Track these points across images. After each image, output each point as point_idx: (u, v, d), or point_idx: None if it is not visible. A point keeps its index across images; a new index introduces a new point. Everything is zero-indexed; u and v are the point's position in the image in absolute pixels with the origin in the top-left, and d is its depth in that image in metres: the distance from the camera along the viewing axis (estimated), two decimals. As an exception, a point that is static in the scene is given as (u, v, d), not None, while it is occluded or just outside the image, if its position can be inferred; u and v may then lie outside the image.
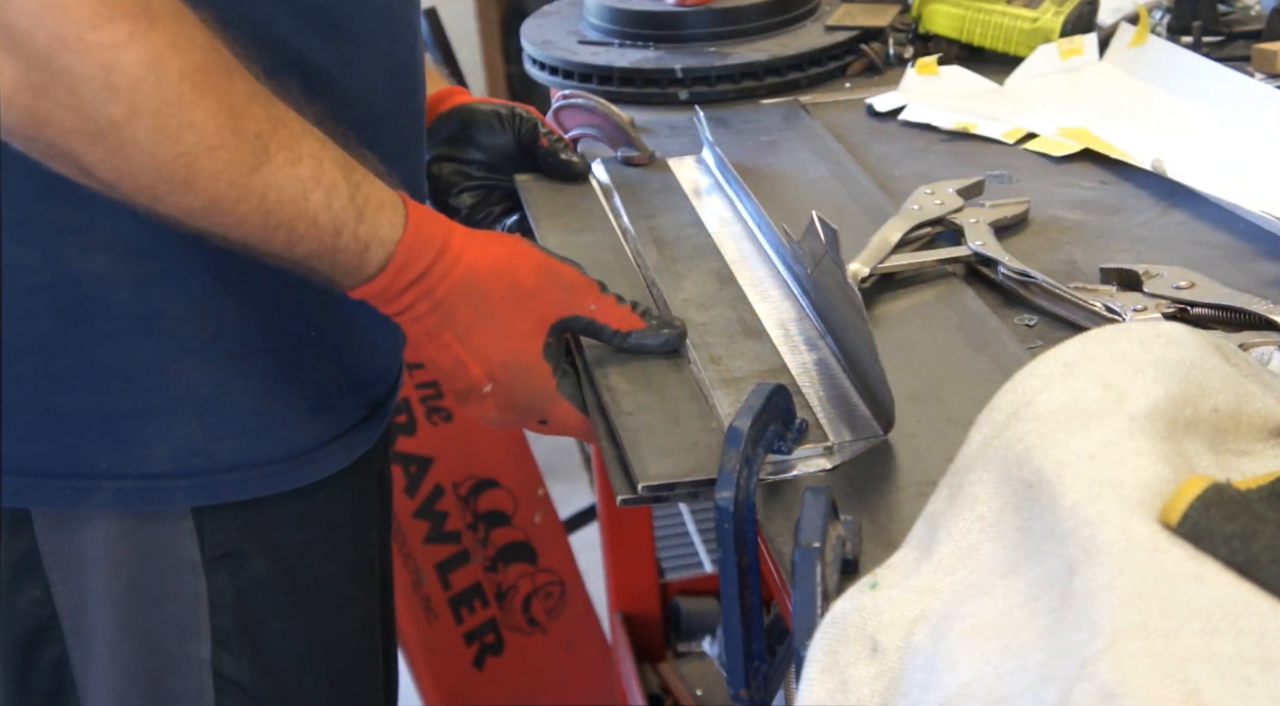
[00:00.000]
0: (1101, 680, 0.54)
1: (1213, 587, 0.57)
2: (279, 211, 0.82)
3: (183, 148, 0.77)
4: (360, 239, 0.86)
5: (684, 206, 1.20)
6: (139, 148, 0.76)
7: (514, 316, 0.93)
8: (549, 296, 0.94)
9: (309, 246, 0.85)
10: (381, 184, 0.88)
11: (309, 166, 0.82)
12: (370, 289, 0.89)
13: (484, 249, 0.92)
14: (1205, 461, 0.67)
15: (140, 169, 0.77)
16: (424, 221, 0.90)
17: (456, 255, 0.90)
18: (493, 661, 2.13)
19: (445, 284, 0.90)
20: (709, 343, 0.98)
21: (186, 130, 0.77)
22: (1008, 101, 1.41)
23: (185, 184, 0.78)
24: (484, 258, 0.91)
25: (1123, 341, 0.70)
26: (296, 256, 0.85)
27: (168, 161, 0.77)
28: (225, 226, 0.82)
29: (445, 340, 0.92)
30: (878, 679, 0.64)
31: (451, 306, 0.91)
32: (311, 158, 0.83)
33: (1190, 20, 1.47)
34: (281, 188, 0.81)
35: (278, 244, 0.84)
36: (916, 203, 1.11)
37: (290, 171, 0.81)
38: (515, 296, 0.92)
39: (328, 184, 0.83)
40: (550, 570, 2.18)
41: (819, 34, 1.51)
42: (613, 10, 1.52)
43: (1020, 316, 1.00)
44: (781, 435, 0.82)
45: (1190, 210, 1.14)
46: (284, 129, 0.82)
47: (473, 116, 1.19)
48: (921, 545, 0.70)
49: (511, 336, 0.93)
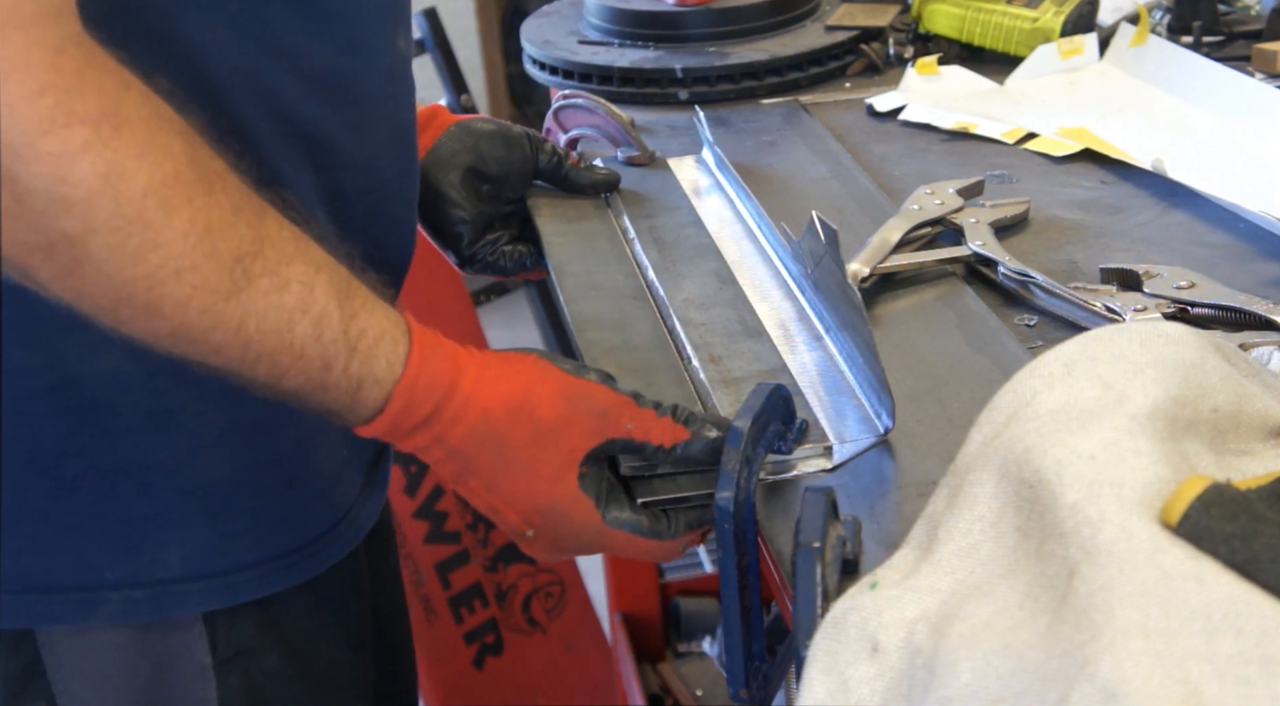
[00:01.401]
0: (1101, 680, 0.54)
1: (1213, 587, 0.57)
2: (259, 343, 0.74)
3: (144, 269, 0.69)
4: (352, 376, 0.77)
5: (684, 206, 1.20)
6: (95, 268, 0.68)
7: (541, 457, 0.82)
8: (578, 426, 0.83)
9: (296, 381, 0.76)
10: (385, 311, 0.80)
11: (296, 293, 0.74)
12: (374, 429, 0.80)
13: (497, 384, 0.81)
14: (1205, 461, 0.67)
15: (98, 290, 0.69)
16: (429, 359, 0.80)
17: (466, 398, 0.80)
18: (493, 661, 2.13)
19: (457, 431, 0.81)
20: (709, 342, 0.98)
21: (150, 250, 0.69)
22: (1008, 101, 1.41)
23: (148, 308, 0.70)
24: (497, 397, 0.81)
25: (1123, 341, 0.70)
26: (285, 390, 0.77)
27: (127, 283, 0.69)
28: (199, 355, 0.74)
29: (472, 487, 0.84)
30: (878, 679, 0.64)
31: (469, 455, 0.82)
32: (300, 284, 0.74)
33: (1190, 20, 1.47)
34: (262, 316, 0.73)
35: (260, 376, 0.76)
36: (916, 203, 1.11)
37: (274, 298, 0.73)
38: (539, 435, 0.82)
39: (317, 313, 0.75)
40: (550, 570, 2.18)
41: (819, 34, 1.51)
42: (613, 10, 1.52)
43: (1020, 316, 1.00)
44: (781, 435, 0.82)
45: (1190, 210, 1.14)
46: (271, 250, 0.74)
47: (486, 135, 1.15)
48: (921, 545, 0.70)
49: (540, 480, 0.83)
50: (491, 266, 1.19)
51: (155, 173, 0.68)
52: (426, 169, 1.13)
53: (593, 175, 1.21)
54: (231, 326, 0.72)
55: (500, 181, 1.16)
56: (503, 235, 1.19)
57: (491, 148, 1.15)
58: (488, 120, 1.17)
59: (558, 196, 1.21)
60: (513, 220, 1.20)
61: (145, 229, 0.68)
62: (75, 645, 0.90)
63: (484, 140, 1.15)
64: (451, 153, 1.14)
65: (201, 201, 0.70)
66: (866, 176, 1.23)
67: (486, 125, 1.16)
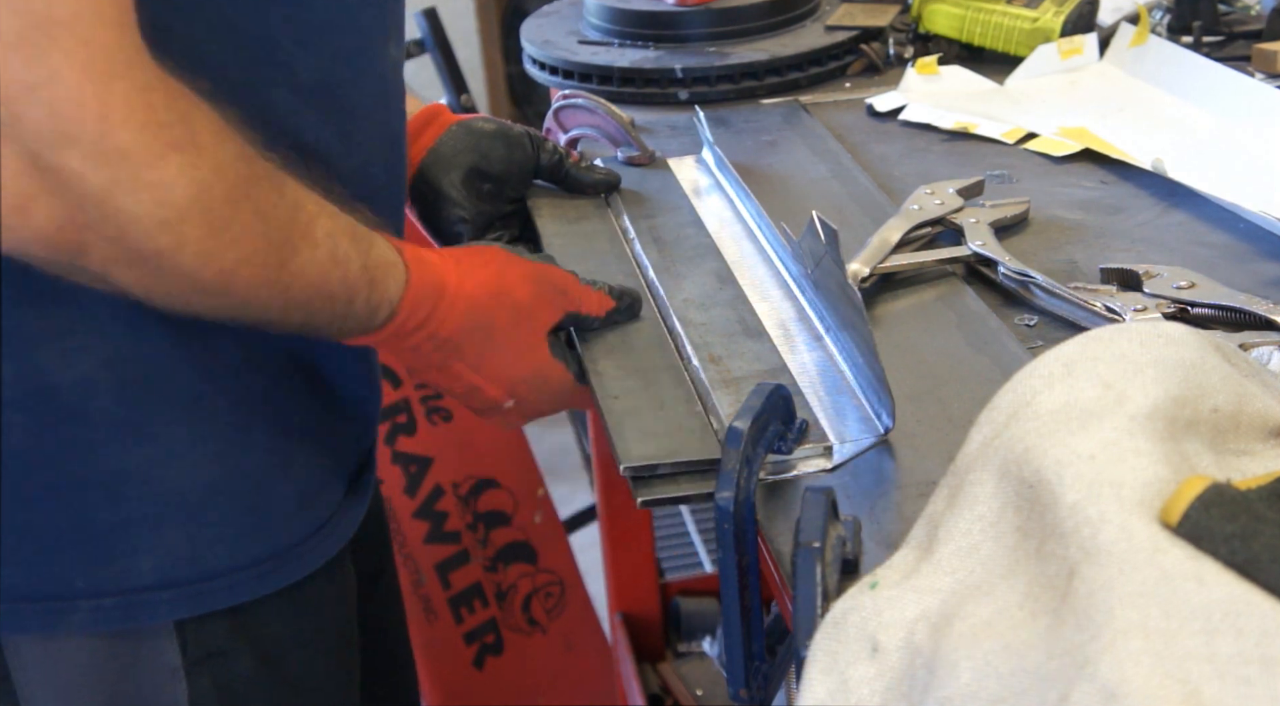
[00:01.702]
0: (1101, 680, 0.54)
1: (1213, 587, 0.57)
2: (300, 295, 0.82)
3: (224, 266, 0.76)
4: (371, 303, 0.86)
5: (684, 206, 1.20)
6: (180, 272, 0.75)
7: (520, 333, 0.95)
8: (546, 303, 0.96)
9: (322, 318, 0.85)
10: (383, 241, 0.88)
11: (326, 248, 0.82)
12: (374, 338, 0.89)
13: (475, 274, 0.93)
14: (1205, 461, 0.67)
15: (179, 288, 0.77)
16: (422, 270, 0.89)
17: (455, 293, 0.91)
18: (493, 661, 2.13)
19: (449, 325, 0.91)
20: (709, 342, 0.98)
21: (228, 249, 0.76)
22: (1008, 101, 1.41)
23: (221, 293, 0.78)
24: (479, 286, 0.92)
25: (1123, 341, 0.70)
26: (309, 325, 0.85)
27: (208, 280, 0.76)
28: (247, 317, 0.82)
29: (456, 371, 0.94)
30: (878, 679, 0.64)
31: (457, 343, 0.92)
32: (327, 237, 0.82)
33: (1190, 20, 1.47)
34: (305, 275, 0.81)
35: (293, 321, 0.84)
36: (916, 202, 1.11)
37: (311, 257, 0.81)
38: (518, 315, 0.94)
39: (342, 259, 0.83)
40: (550, 570, 2.18)
41: (819, 34, 1.51)
42: (613, 10, 1.52)
43: (1020, 316, 1.00)
44: (781, 435, 0.82)
45: (1190, 210, 1.14)
46: (301, 214, 0.81)
47: (487, 135, 1.16)
48: (921, 545, 0.70)
49: (523, 352, 0.95)
50: None
51: (228, 181, 0.75)
52: (427, 168, 1.13)
53: (594, 175, 1.21)
54: (281, 290, 0.80)
55: (501, 181, 1.17)
56: (503, 235, 1.19)
57: (493, 147, 1.15)
58: (489, 119, 1.17)
59: (558, 196, 1.21)
60: (513, 220, 1.20)
61: (225, 232, 0.75)
62: (41, 651, 0.90)
63: (485, 139, 1.15)
64: (453, 152, 1.14)
65: (254, 192, 0.77)
66: (866, 176, 1.23)
67: (488, 124, 1.16)
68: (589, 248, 1.13)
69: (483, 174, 1.15)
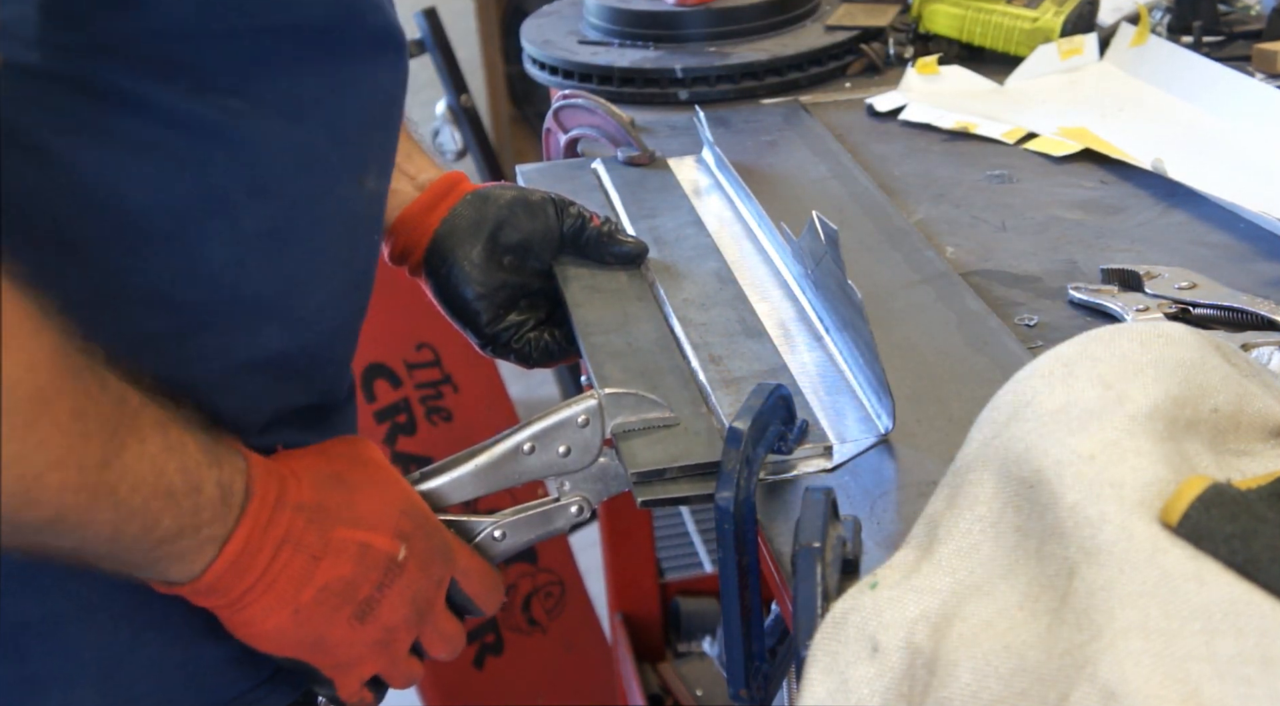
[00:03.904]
0: (1102, 680, 0.54)
1: (1213, 587, 0.57)
2: (132, 498, 0.71)
3: (26, 470, 0.66)
4: (223, 483, 0.76)
5: (684, 206, 1.20)
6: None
7: (370, 471, 0.85)
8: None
9: (167, 521, 0.73)
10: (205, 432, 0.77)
11: (156, 438, 0.72)
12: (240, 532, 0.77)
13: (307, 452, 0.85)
14: (1205, 461, 0.67)
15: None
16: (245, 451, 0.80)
17: (287, 460, 0.82)
18: (493, 661, 2.13)
19: (305, 484, 0.81)
20: (709, 342, 0.98)
21: (34, 452, 0.66)
22: (1008, 101, 1.41)
23: (25, 504, 0.67)
24: (305, 453, 0.84)
25: (1123, 341, 0.70)
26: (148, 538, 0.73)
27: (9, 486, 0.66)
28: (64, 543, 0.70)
29: (341, 538, 0.82)
30: (878, 679, 0.64)
31: (321, 503, 0.81)
32: (157, 426, 0.72)
33: (1190, 20, 1.47)
34: (136, 471, 0.71)
35: (127, 536, 0.72)
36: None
37: (140, 451, 0.71)
38: (355, 459, 0.85)
39: (176, 444, 0.73)
40: (550, 570, 2.18)
41: (819, 34, 1.51)
42: (613, 10, 1.52)
43: (1020, 316, 1.00)
44: (781, 435, 0.82)
45: (1190, 210, 1.14)
46: (126, 408, 0.71)
47: (504, 203, 1.08)
48: (921, 545, 0.70)
49: (385, 486, 0.85)
50: (516, 353, 1.11)
51: (39, 379, 0.66)
52: (441, 241, 1.07)
53: (621, 245, 1.10)
54: (107, 493, 0.70)
55: (523, 251, 1.08)
56: (529, 319, 1.10)
57: (511, 215, 1.07)
58: (507, 186, 1.10)
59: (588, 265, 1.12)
60: (540, 302, 1.11)
61: (30, 434, 0.65)
62: None
63: (502, 208, 1.07)
64: (468, 224, 1.07)
65: (74, 387, 0.68)
66: (866, 176, 1.23)
67: (505, 192, 1.09)
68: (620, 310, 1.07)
69: (502, 245, 1.07)
